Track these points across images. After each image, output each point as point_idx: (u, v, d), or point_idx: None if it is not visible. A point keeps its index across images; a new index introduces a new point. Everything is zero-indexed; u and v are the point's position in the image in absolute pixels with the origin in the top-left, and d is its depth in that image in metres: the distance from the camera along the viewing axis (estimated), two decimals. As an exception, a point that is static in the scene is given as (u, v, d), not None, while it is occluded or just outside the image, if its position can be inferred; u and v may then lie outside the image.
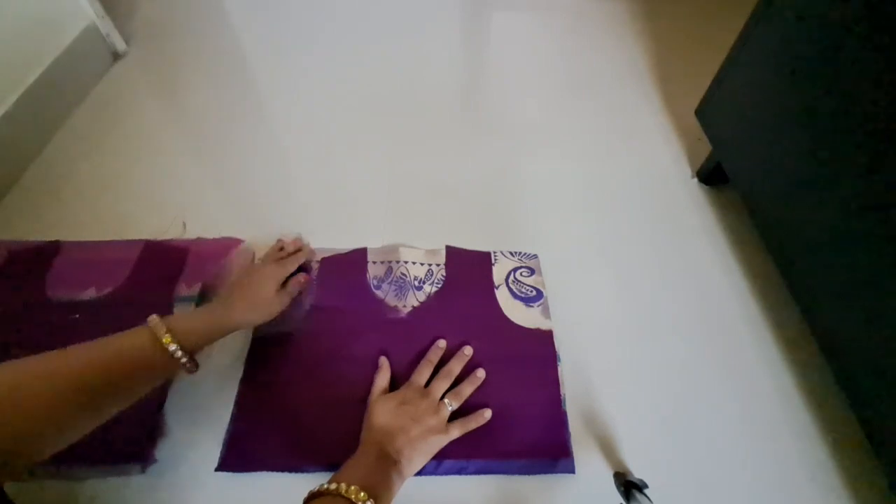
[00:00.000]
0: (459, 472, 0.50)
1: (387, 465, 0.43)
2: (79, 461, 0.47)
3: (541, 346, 0.58)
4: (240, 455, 0.50)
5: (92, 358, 0.40)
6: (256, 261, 0.64)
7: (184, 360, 0.44)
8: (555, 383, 0.55)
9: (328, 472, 0.49)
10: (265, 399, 0.53)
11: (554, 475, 0.50)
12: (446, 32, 1.08)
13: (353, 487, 0.37)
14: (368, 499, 0.37)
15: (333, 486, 0.38)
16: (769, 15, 0.59)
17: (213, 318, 0.49)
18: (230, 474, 0.49)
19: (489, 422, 0.52)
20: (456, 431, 0.49)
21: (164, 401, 0.53)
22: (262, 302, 0.52)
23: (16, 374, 0.37)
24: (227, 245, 0.65)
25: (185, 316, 0.48)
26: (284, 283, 0.56)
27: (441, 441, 0.48)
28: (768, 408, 0.56)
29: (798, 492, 0.51)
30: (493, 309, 0.61)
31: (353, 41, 1.02)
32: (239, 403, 0.53)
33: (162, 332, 0.43)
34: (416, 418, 0.48)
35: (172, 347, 0.43)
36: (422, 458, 0.47)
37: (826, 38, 0.51)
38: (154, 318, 0.44)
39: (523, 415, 0.53)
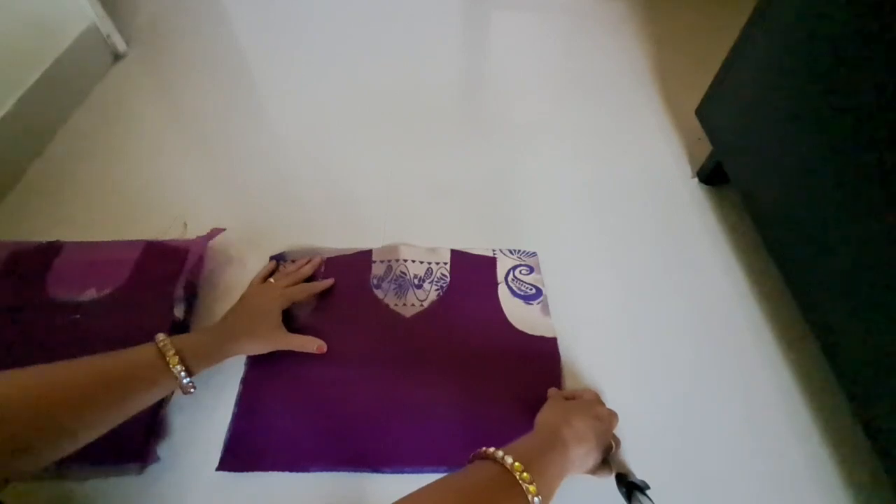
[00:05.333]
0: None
1: (554, 449, 0.41)
2: (78, 460, 0.47)
3: (544, 354, 0.58)
4: (240, 454, 0.50)
5: (97, 369, 0.41)
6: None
7: (186, 381, 0.44)
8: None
9: (329, 472, 0.49)
10: (266, 399, 0.53)
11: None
12: (446, 32, 1.08)
13: (517, 463, 0.36)
14: (531, 482, 0.35)
15: (500, 454, 0.37)
16: (770, 13, 0.59)
17: (217, 343, 0.49)
18: (230, 474, 0.49)
19: (490, 429, 0.52)
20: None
21: (166, 400, 0.53)
22: (264, 333, 0.53)
23: (34, 376, 0.37)
24: (211, 236, 0.65)
25: (192, 338, 0.48)
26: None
27: (606, 433, 0.46)
28: (769, 408, 0.56)
29: (799, 492, 0.51)
30: (497, 316, 0.61)
31: (354, 41, 1.02)
32: (240, 403, 0.53)
33: (169, 353, 0.43)
34: (585, 411, 0.46)
35: (178, 368, 0.44)
36: (590, 444, 0.44)
37: (827, 36, 0.51)
38: (162, 337, 0.45)
39: (525, 423, 0.52)
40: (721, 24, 0.82)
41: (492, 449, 0.38)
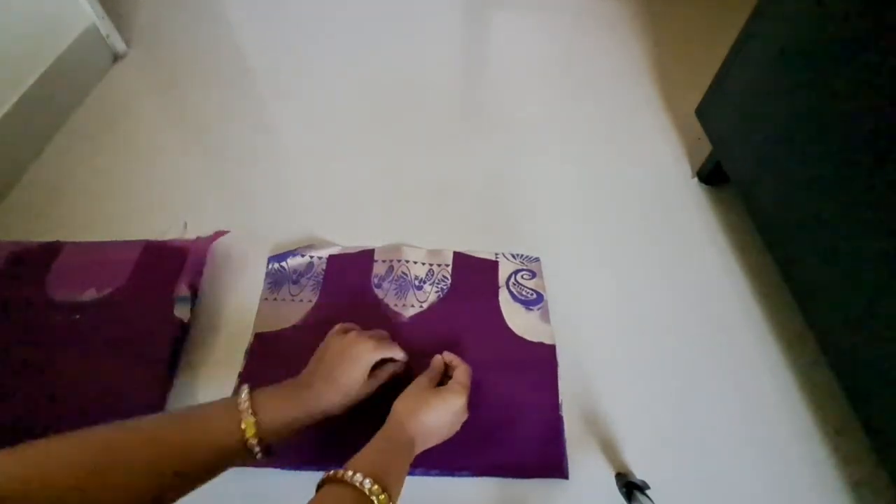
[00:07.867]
0: (452, 474, 0.50)
1: (401, 453, 0.42)
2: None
3: (542, 360, 0.57)
4: None
5: (169, 436, 0.38)
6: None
7: (259, 455, 0.41)
8: (554, 399, 0.55)
9: (323, 472, 0.49)
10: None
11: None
12: (447, 32, 1.09)
13: (375, 486, 0.36)
14: (382, 492, 0.35)
15: (355, 476, 0.36)
16: (770, 13, 0.59)
17: (301, 406, 0.44)
18: (227, 472, 0.49)
19: (483, 433, 0.52)
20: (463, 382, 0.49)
21: (167, 401, 0.52)
22: (351, 386, 0.46)
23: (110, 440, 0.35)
24: (214, 238, 0.64)
25: (275, 404, 0.43)
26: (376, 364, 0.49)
27: (454, 426, 0.48)
28: (769, 408, 0.56)
29: (799, 492, 0.51)
30: (496, 320, 0.61)
31: (354, 41, 1.02)
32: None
33: (250, 430, 0.40)
34: (442, 407, 0.46)
35: (253, 442, 0.40)
36: (434, 442, 0.46)
37: (827, 36, 0.51)
38: (245, 406, 0.41)
39: (520, 429, 0.52)
40: (721, 24, 0.82)
41: (341, 471, 0.37)
